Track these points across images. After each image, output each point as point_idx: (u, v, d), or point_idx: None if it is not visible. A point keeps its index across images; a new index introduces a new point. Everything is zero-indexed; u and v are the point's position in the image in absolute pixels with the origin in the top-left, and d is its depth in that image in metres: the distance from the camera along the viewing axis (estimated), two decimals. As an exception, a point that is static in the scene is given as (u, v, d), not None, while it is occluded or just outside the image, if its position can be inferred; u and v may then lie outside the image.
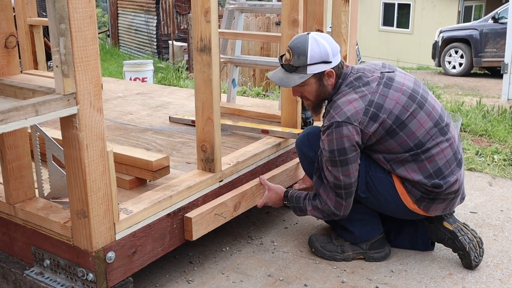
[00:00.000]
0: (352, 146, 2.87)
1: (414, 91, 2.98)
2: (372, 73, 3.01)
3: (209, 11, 2.81)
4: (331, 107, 2.95)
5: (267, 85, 11.26)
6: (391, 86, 2.95)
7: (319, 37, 3.00)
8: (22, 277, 2.63)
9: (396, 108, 2.89)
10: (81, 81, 2.19)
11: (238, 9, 4.60)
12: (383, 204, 3.07)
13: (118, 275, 2.55)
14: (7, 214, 2.72)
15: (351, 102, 2.89)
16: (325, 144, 2.93)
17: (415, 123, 2.91)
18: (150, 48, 20.38)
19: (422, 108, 2.94)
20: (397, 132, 2.90)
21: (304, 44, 2.97)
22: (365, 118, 2.86)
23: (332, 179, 2.96)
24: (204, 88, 2.95)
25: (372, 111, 2.87)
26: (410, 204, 3.02)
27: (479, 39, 16.04)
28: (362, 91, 2.92)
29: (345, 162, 2.90)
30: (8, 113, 1.99)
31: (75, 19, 2.13)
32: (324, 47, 2.96)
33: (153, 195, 2.78)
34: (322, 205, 3.06)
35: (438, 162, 2.94)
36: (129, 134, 4.00)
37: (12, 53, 2.59)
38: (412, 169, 2.94)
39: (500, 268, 3.12)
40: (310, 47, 2.95)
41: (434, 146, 2.94)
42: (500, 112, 7.54)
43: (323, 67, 2.98)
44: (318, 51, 2.95)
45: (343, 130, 2.85)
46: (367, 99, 2.89)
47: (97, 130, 2.29)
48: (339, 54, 3.04)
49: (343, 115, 2.86)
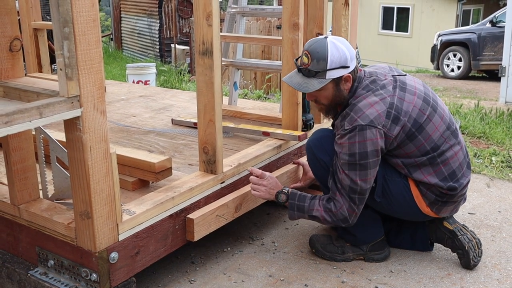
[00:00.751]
0: (374, 151, 2.82)
1: (426, 94, 2.97)
2: (384, 76, 2.97)
3: (211, 15, 2.82)
4: (352, 110, 2.87)
5: (268, 87, 11.27)
6: (405, 89, 2.92)
7: (337, 41, 2.92)
8: (27, 277, 2.63)
9: (414, 111, 2.87)
10: (85, 84, 2.19)
11: (240, 13, 4.60)
12: (396, 207, 3.06)
13: (121, 275, 2.55)
14: (11, 215, 2.72)
15: (373, 105, 2.84)
16: (345, 147, 2.86)
17: (431, 126, 2.90)
18: (153, 51, 20.39)
19: (436, 112, 2.94)
20: (416, 136, 2.88)
21: (324, 48, 2.87)
22: (388, 121, 2.82)
23: (348, 182, 2.88)
24: (206, 91, 2.95)
25: (394, 113, 2.83)
26: (423, 207, 3.01)
27: (477, 42, 16.04)
28: (381, 94, 2.88)
29: (364, 167, 2.85)
30: (13, 115, 1.99)
31: (79, 22, 2.13)
32: (343, 52, 2.88)
33: (155, 197, 2.78)
34: (336, 209, 2.94)
35: (452, 165, 2.94)
36: (132, 136, 4.00)
37: (17, 56, 2.59)
38: (428, 172, 2.93)
39: (498, 268, 3.12)
40: (330, 52, 2.86)
41: (448, 149, 2.94)
42: (498, 115, 7.55)
43: (342, 71, 2.90)
44: (338, 56, 2.87)
45: (367, 133, 2.80)
46: (387, 102, 2.85)
47: (101, 132, 2.29)
48: (355, 58, 2.98)
49: (366, 118, 2.81)
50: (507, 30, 9.58)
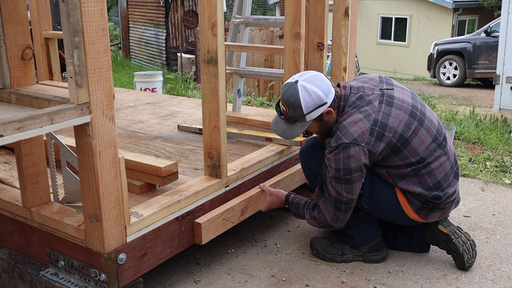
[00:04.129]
0: (358, 167, 2.82)
1: (414, 107, 2.93)
2: (372, 91, 2.94)
3: (216, 25, 2.82)
4: (338, 128, 2.86)
5: (270, 95, 11.27)
6: (392, 103, 2.88)
7: (307, 83, 2.87)
8: (38, 277, 2.63)
9: (399, 127, 2.84)
10: (94, 91, 2.20)
11: (243, 23, 4.61)
12: (385, 212, 3.07)
13: (129, 275, 2.55)
14: (23, 217, 2.72)
15: (357, 123, 2.82)
16: (331, 162, 2.87)
17: (416, 140, 2.87)
18: (160, 60, 20.43)
19: (422, 125, 2.90)
20: (401, 150, 2.86)
21: (296, 96, 2.85)
22: (372, 138, 2.80)
23: (334, 194, 2.92)
24: (211, 98, 2.96)
25: (378, 130, 2.81)
26: (410, 213, 3.01)
27: (472, 51, 16.03)
28: (366, 111, 2.85)
29: (349, 181, 2.86)
30: (25, 121, 2.00)
31: (89, 32, 2.13)
32: (315, 93, 2.85)
33: (162, 200, 2.78)
34: (319, 215, 3.04)
35: (437, 176, 2.92)
36: (140, 141, 4.00)
37: (29, 64, 2.59)
38: (413, 182, 2.92)
39: (492, 269, 3.11)
40: (302, 99, 2.84)
41: (433, 161, 2.91)
42: (492, 121, 7.55)
43: (320, 110, 2.88)
44: (310, 99, 2.85)
45: (350, 151, 2.80)
46: (371, 119, 2.82)
47: (109, 138, 2.29)
48: (332, 89, 2.91)
49: (350, 136, 2.80)
50: (501, 40, 9.61)
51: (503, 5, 9.72)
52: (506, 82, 9.56)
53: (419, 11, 22.26)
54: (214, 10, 2.81)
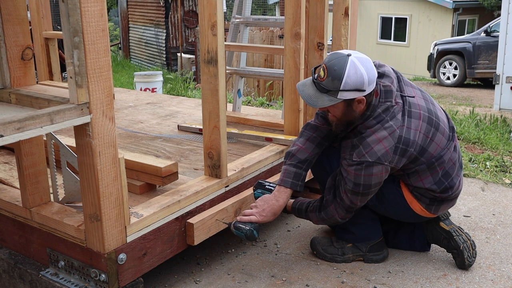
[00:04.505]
0: (378, 183, 2.81)
1: (429, 112, 2.87)
2: (396, 98, 2.83)
3: (216, 25, 2.82)
4: (361, 143, 2.77)
5: (270, 95, 11.28)
6: (411, 113, 2.81)
7: (358, 62, 2.70)
8: (38, 277, 2.63)
9: (419, 138, 2.79)
10: (94, 91, 2.19)
11: (243, 23, 4.61)
12: (390, 210, 3.08)
13: (129, 275, 2.55)
14: (23, 217, 2.72)
15: (381, 141, 2.74)
16: (351, 176, 2.81)
17: (433, 146, 2.85)
18: (160, 60, 20.43)
19: (438, 129, 2.87)
20: (418, 158, 2.84)
21: (342, 68, 2.67)
22: (395, 156, 2.75)
23: (348, 203, 2.90)
24: (211, 98, 2.95)
25: (401, 148, 2.75)
26: (419, 209, 3.00)
27: (472, 51, 16.03)
28: (390, 127, 2.76)
29: (366, 194, 2.85)
30: (25, 121, 2.00)
31: (89, 32, 2.13)
32: (361, 75, 2.67)
33: (162, 200, 2.78)
34: (328, 216, 3.01)
35: (446, 166, 2.92)
36: (140, 141, 4.00)
37: (29, 64, 2.59)
38: (425, 175, 2.91)
39: (492, 269, 3.11)
40: (347, 73, 2.66)
41: (445, 153, 2.91)
42: (492, 121, 7.55)
43: (356, 94, 2.71)
44: (354, 78, 2.67)
45: (373, 169, 2.75)
46: (396, 136, 2.74)
47: (109, 138, 2.29)
48: (375, 81, 2.77)
49: (374, 155, 2.73)
50: (501, 40, 9.61)
51: (503, 5, 9.72)
52: (506, 82, 9.56)
53: (419, 11, 22.26)
54: (214, 10, 2.81)
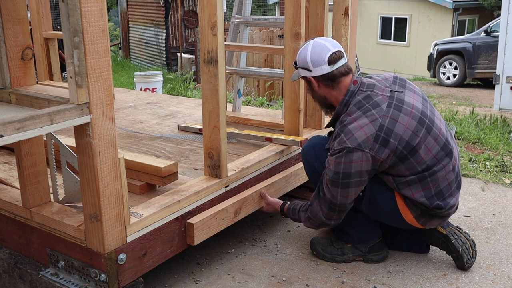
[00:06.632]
0: (357, 172, 2.80)
1: (423, 114, 2.87)
2: (381, 91, 2.88)
3: (216, 25, 2.82)
4: (342, 131, 2.83)
5: (270, 95, 11.27)
6: (401, 108, 2.82)
7: (312, 45, 2.95)
8: (38, 277, 2.63)
9: (406, 134, 2.79)
10: (94, 91, 2.20)
11: (243, 23, 4.61)
12: (383, 216, 3.07)
13: (129, 275, 2.55)
14: (23, 217, 2.73)
15: (362, 128, 2.78)
16: (331, 165, 2.85)
17: (424, 149, 2.83)
18: (160, 60, 20.44)
19: (430, 133, 2.85)
20: (407, 158, 2.82)
21: (305, 45, 2.99)
22: (376, 144, 2.76)
23: (329, 196, 2.91)
24: (211, 98, 2.95)
25: (383, 136, 2.76)
26: (409, 218, 2.99)
27: (472, 51, 16.04)
28: (372, 115, 2.80)
29: (346, 185, 2.84)
30: (25, 121, 2.00)
31: (89, 32, 2.13)
32: (305, 55, 2.95)
33: (162, 200, 2.78)
34: (313, 214, 3.04)
35: (441, 185, 2.89)
36: (140, 141, 4.00)
37: (29, 64, 2.60)
38: (416, 190, 2.88)
39: (492, 269, 3.11)
40: (299, 52, 3.01)
41: (440, 170, 2.87)
42: (492, 121, 7.55)
43: (305, 73, 2.99)
44: (303, 56, 2.97)
45: (353, 156, 2.77)
46: (377, 124, 2.77)
47: (109, 138, 2.29)
48: (324, 66, 2.90)
49: (354, 141, 2.76)
50: (501, 40, 9.62)
51: (503, 5, 9.73)
52: (506, 82, 9.57)
53: (419, 11, 22.26)
54: (214, 10, 2.81)
